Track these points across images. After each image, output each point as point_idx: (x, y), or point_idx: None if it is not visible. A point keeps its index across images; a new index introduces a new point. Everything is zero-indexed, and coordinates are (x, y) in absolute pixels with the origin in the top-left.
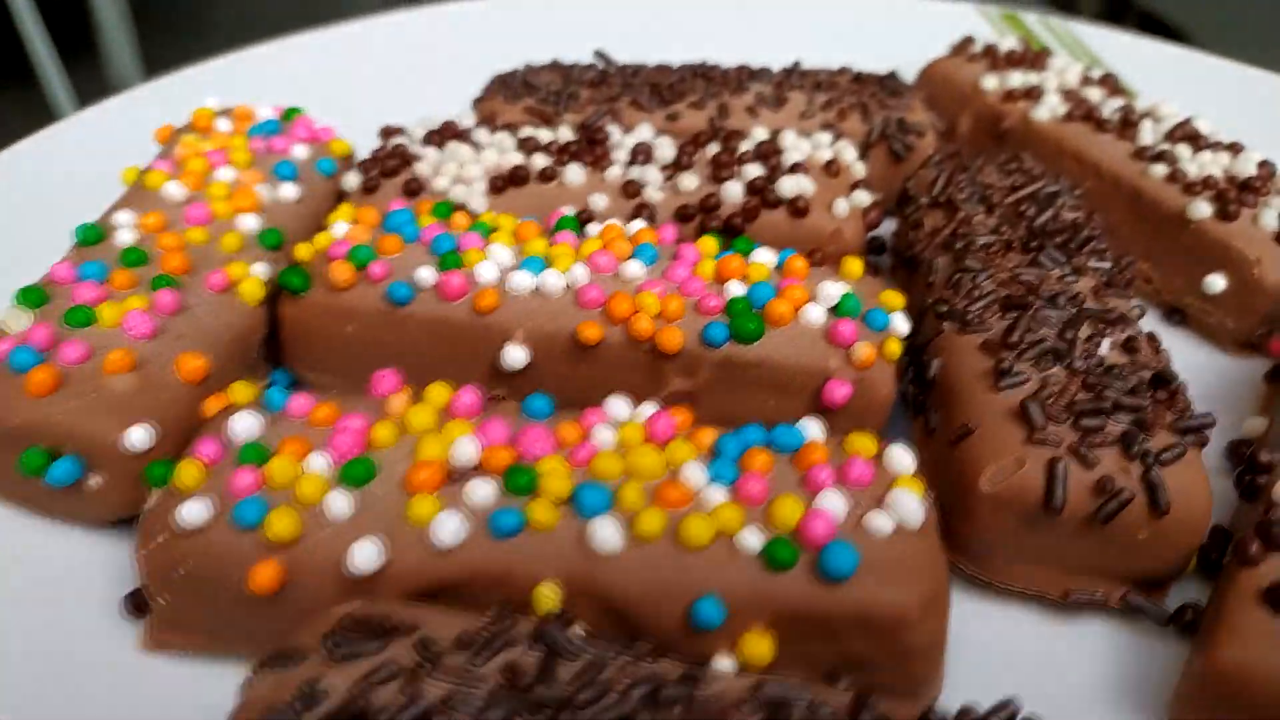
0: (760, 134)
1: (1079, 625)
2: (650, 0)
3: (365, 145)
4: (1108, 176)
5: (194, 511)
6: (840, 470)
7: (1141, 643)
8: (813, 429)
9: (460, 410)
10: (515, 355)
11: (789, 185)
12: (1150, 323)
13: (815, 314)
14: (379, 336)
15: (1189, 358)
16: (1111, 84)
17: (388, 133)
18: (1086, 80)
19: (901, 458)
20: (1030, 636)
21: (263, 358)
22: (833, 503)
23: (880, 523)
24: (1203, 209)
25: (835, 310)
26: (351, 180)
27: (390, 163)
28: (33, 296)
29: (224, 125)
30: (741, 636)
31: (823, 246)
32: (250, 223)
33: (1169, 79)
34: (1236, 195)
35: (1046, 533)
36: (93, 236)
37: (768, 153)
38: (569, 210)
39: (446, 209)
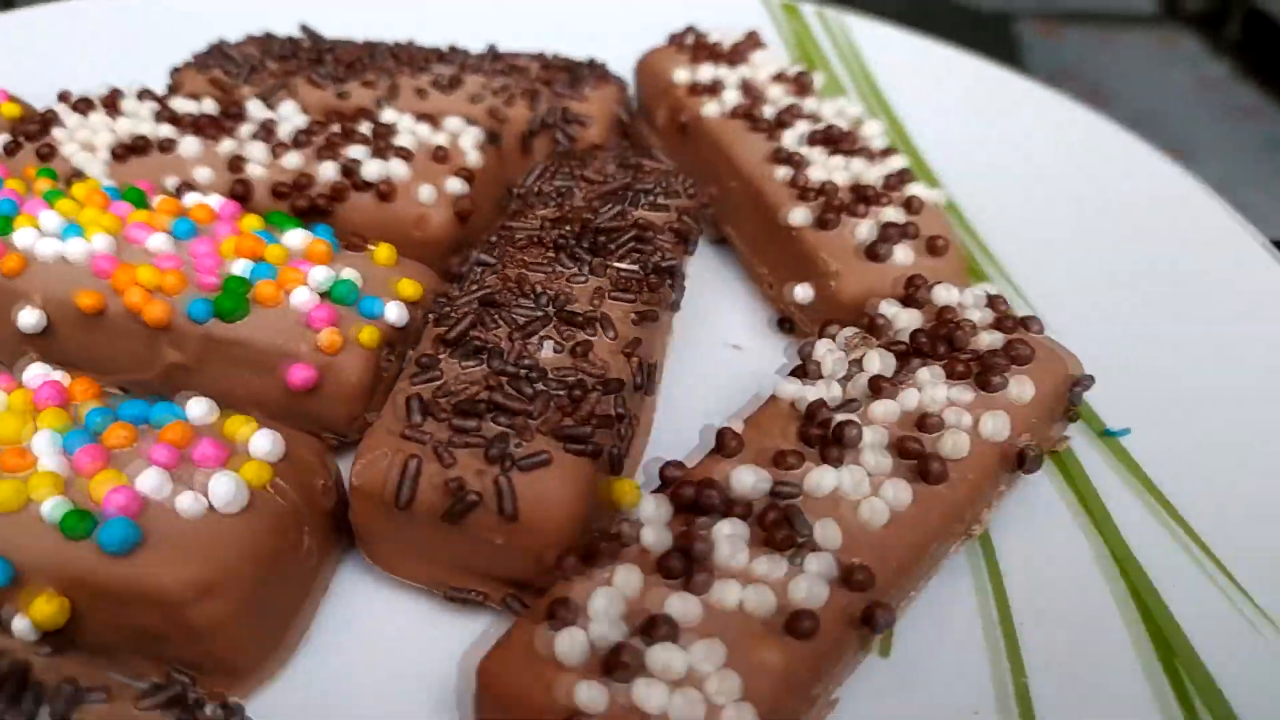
0: (389, 117)
1: (477, 619)
2: None
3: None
4: (743, 175)
5: None
6: (190, 449)
7: None
8: (196, 407)
9: None
10: (29, 317)
11: (374, 169)
12: (755, 330)
13: (301, 297)
14: None
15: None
16: (802, 83)
17: (63, 98)
18: (779, 77)
19: (262, 443)
20: (423, 623)
21: None
22: (146, 479)
23: (186, 503)
24: (799, 215)
25: (325, 295)
26: (0, 139)
27: (32, 127)
28: None
29: None
30: (34, 599)
31: (409, 232)
32: None
33: (924, 73)
34: (843, 204)
35: (415, 528)
36: None
37: (380, 134)
38: (172, 181)
39: (50, 174)
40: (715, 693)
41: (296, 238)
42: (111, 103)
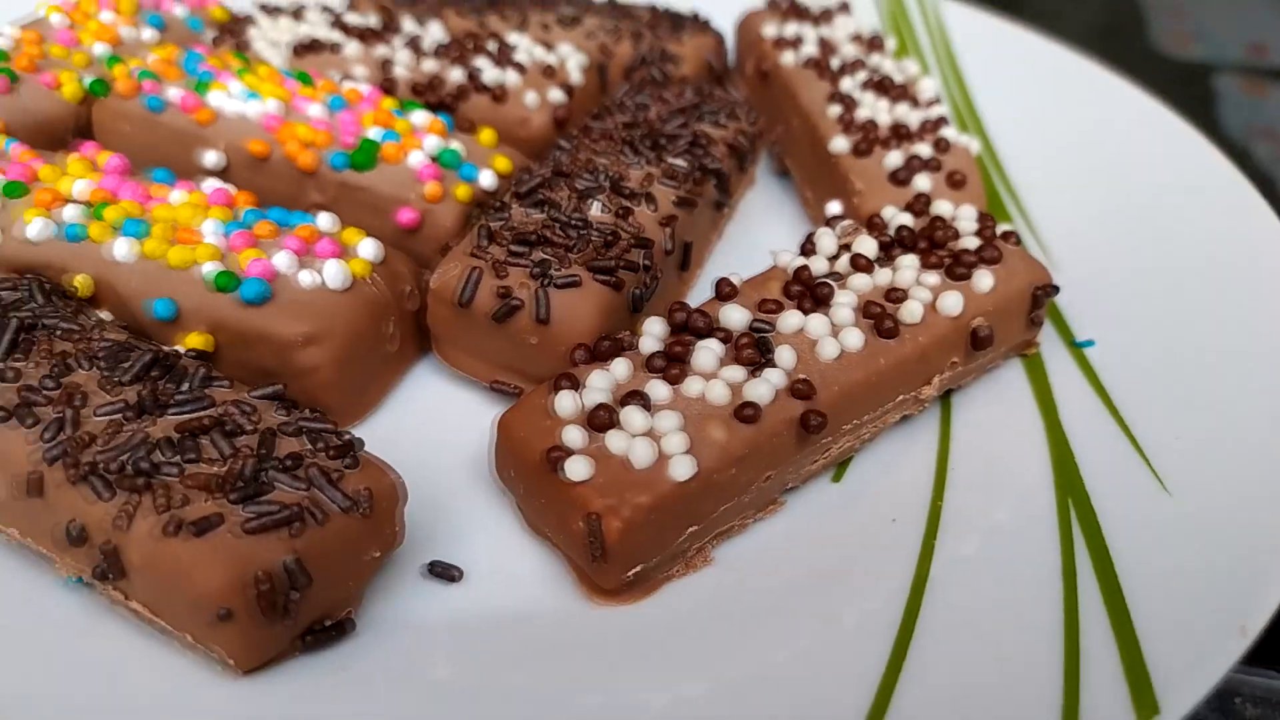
0: (511, 39)
1: None
2: None
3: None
4: (803, 113)
5: None
6: (312, 245)
7: None
8: (323, 219)
9: (106, 169)
10: (211, 158)
11: (491, 75)
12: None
13: (416, 158)
14: (141, 134)
15: None
16: (875, 43)
17: (260, 6)
18: (855, 37)
19: (368, 248)
20: (475, 413)
21: (76, 141)
22: (280, 258)
23: (305, 278)
24: (841, 144)
25: (434, 159)
26: (208, 36)
27: (235, 26)
28: None
29: None
30: (189, 333)
31: (514, 130)
32: (101, 50)
33: (1013, 64)
34: (882, 139)
35: (471, 327)
36: None
37: (501, 51)
38: (334, 74)
39: (242, 58)
40: (667, 447)
41: (421, 117)
42: (297, 13)
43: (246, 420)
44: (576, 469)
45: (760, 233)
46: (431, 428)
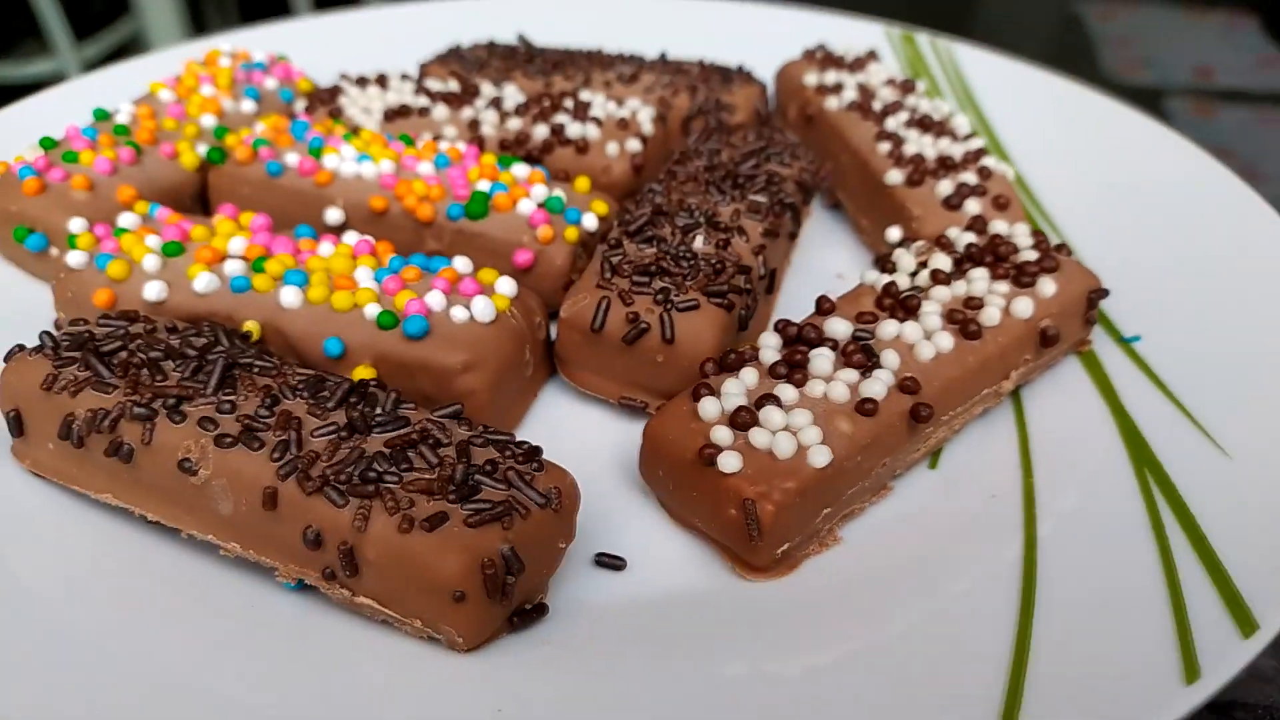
0: (585, 96)
1: (636, 424)
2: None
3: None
4: (852, 150)
5: (77, 258)
6: (457, 285)
7: None
8: (459, 263)
9: (252, 227)
10: (334, 215)
11: (575, 130)
12: (859, 266)
13: (525, 206)
14: (261, 197)
15: None
16: (907, 86)
17: (342, 77)
18: (889, 81)
19: (505, 285)
20: (601, 427)
21: (197, 208)
22: (432, 297)
23: (457, 313)
24: (895, 176)
25: (542, 205)
26: (299, 105)
27: (326, 95)
28: (46, 141)
29: (225, 61)
30: (356, 367)
31: (597, 178)
32: (209, 121)
33: (1022, 97)
34: (930, 169)
35: (601, 350)
36: (102, 115)
37: (578, 108)
38: (426, 136)
39: (339, 123)
40: (804, 439)
41: (522, 169)
42: (381, 81)
43: (442, 434)
44: (729, 462)
45: (820, 257)
46: (566, 439)
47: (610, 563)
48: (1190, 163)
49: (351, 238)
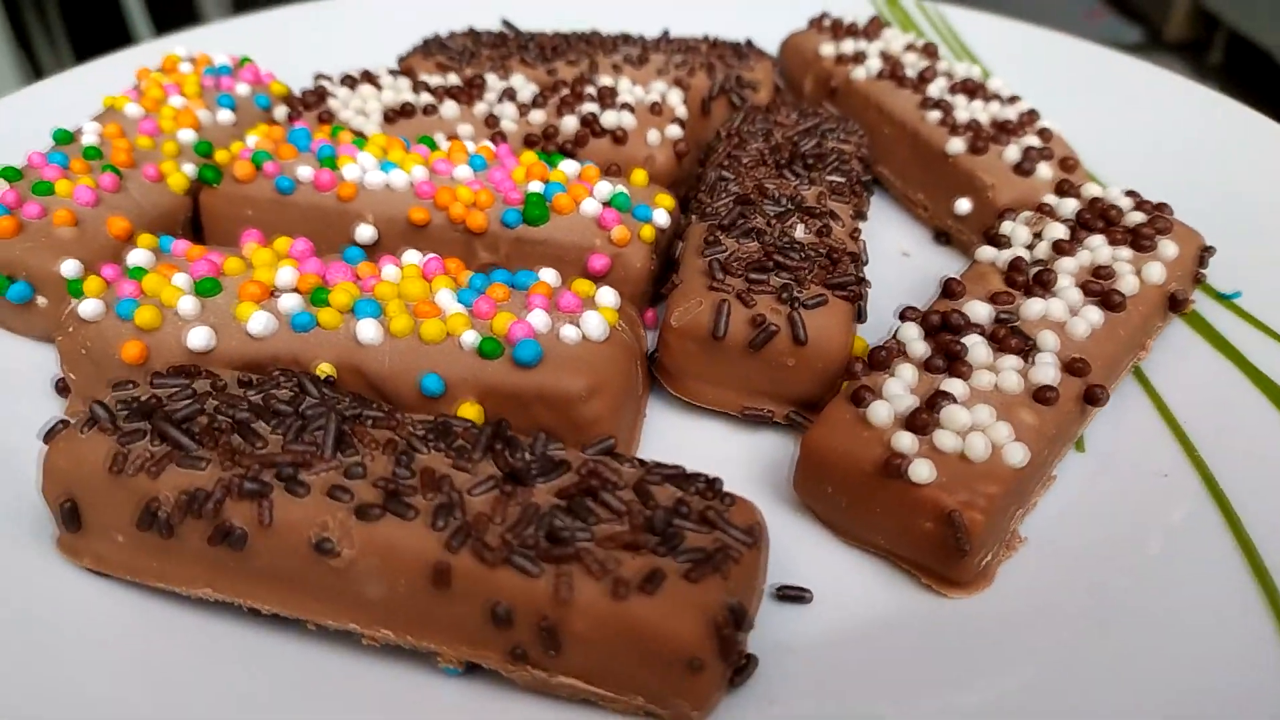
0: (604, 81)
1: (759, 435)
2: None
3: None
4: (896, 122)
5: (91, 308)
6: (556, 300)
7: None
8: (546, 274)
9: (293, 254)
10: (365, 232)
11: (611, 118)
12: (918, 242)
13: (590, 206)
14: (270, 219)
15: (949, 268)
16: (930, 51)
17: (318, 78)
18: (909, 48)
19: (605, 296)
20: (721, 441)
21: (188, 235)
22: (536, 317)
23: (569, 332)
24: (957, 145)
25: (607, 204)
26: (280, 112)
27: (311, 98)
28: (9, 172)
29: (185, 67)
30: (458, 404)
31: (639, 168)
32: (187, 136)
33: (1022, 55)
34: (990, 135)
35: (720, 359)
36: (64, 137)
37: (604, 95)
38: (439, 136)
39: (338, 130)
40: (996, 437)
41: (571, 166)
42: (370, 79)
43: (613, 475)
44: (921, 471)
45: (881, 235)
46: (684, 460)
47: (795, 595)
48: (1213, 108)
49: (414, 256)
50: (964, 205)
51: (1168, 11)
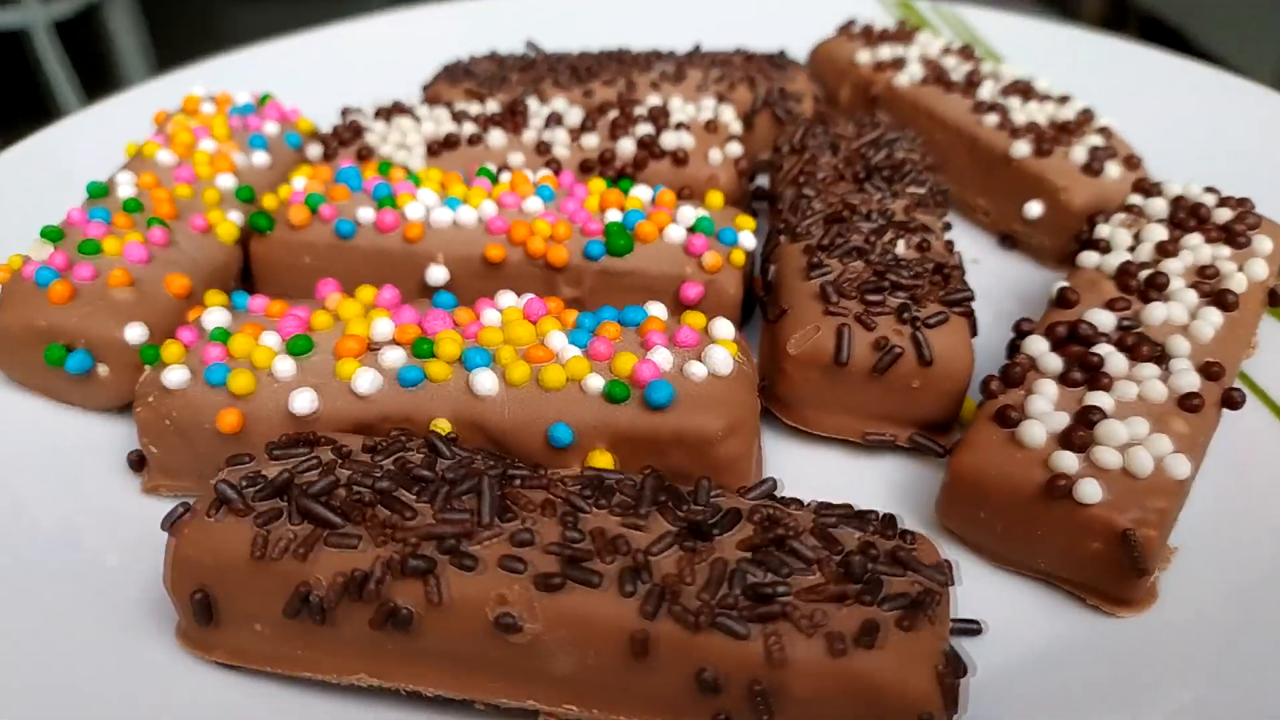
0: (653, 101)
1: (880, 461)
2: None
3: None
4: (951, 127)
5: (177, 375)
6: (672, 336)
7: (928, 473)
8: (655, 309)
9: (381, 303)
10: (437, 273)
11: (670, 140)
12: (984, 248)
13: (675, 233)
14: (330, 265)
15: (1020, 273)
16: (967, 53)
17: (346, 112)
18: (946, 51)
19: (722, 328)
20: (840, 470)
21: (239, 287)
22: (659, 355)
23: (696, 370)
24: (1022, 148)
25: (691, 229)
26: (314, 150)
27: (345, 134)
28: (52, 232)
29: (208, 108)
30: (588, 454)
31: (703, 188)
32: (227, 181)
33: (1040, 49)
34: (1053, 136)
35: (841, 385)
36: (99, 191)
37: (657, 115)
38: (491, 166)
39: (387, 166)
40: (1157, 450)
41: (644, 191)
42: (403, 110)
43: (789, 518)
44: (1089, 491)
45: None
46: (805, 493)
47: (967, 629)
48: (1242, 96)
49: (510, 298)
50: (1035, 209)
51: None
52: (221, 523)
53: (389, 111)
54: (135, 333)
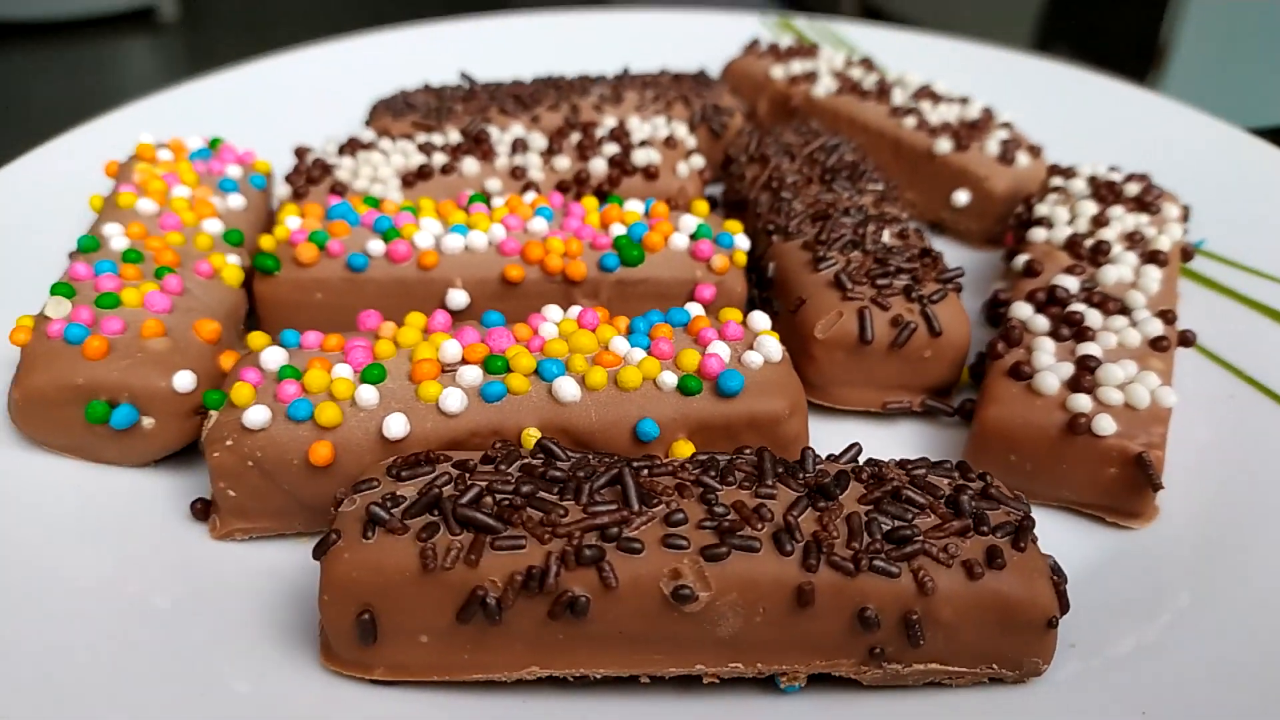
0: (610, 122)
1: (896, 426)
2: (493, 32)
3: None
4: (873, 131)
5: (259, 414)
6: (720, 331)
7: (938, 432)
8: (694, 308)
9: (435, 328)
10: (458, 297)
11: (641, 156)
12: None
13: (680, 241)
14: (344, 300)
15: (949, 256)
16: (868, 64)
17: (300, 152)
18: (849, 63)
19: (760, 320)
20: (862, 437)
21: (245, 330)
22: (719, 349)
23: (753, 358)
24: (944, 145)
25: (693, 236)
26: (283, 190)
27: (314, 172)
28: (64, 289)
29: (165, 155)
30: (670, 444)
31: (673, 200)
32: (214, 226)
33: (907, 56)
34: (966, 133)
35: (864, 361)
36: (91, 245)
37: (619, 135)
38: (468, 195)
39: (374, 201)
40: (1149, 385)
41: (637, 205)
42: (367, 145)
43: (890, 472)
44: (1106, 425)
45: None
46: None
47: None
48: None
49: (555, 313)
50: (962, 197)
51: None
52: (378, 542)
53: (352, 145)
54: (184, 380)
